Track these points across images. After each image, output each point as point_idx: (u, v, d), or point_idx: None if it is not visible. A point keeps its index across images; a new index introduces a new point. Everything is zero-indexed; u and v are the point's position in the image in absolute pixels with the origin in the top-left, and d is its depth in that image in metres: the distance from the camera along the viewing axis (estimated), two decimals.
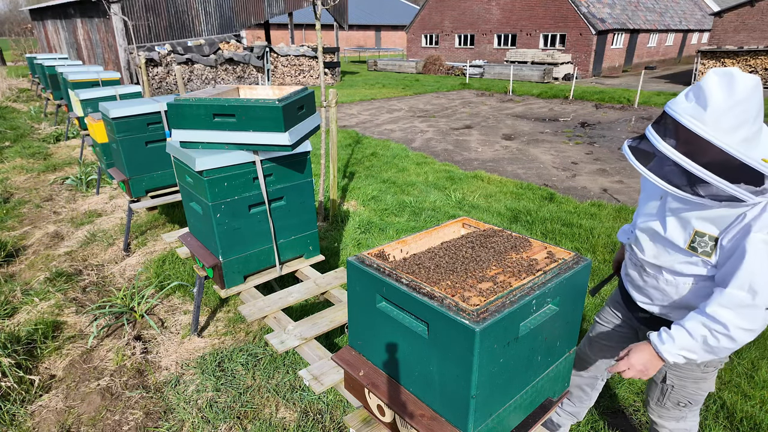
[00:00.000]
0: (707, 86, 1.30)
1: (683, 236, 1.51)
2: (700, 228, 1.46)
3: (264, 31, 24.25)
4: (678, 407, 1.79)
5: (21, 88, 16.60)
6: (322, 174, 4.86)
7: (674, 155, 1.33)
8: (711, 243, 1.45)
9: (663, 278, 1.63)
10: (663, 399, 1.80)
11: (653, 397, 1.85)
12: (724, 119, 1.27)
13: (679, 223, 1.52)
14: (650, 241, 1.64)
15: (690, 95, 1.36)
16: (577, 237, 4.61)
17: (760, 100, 1.30)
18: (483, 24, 25.66)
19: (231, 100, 2.58)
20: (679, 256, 1.54)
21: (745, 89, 1.27)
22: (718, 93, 1.28)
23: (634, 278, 1.77)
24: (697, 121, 1.30)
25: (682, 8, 30.10)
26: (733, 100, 1.27)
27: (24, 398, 2.68)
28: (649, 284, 1.70)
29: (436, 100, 15.03)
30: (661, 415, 1.85)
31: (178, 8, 15.82)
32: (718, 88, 1.29)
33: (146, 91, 8.65)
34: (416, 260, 1.56)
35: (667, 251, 1.58)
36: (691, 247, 1.49)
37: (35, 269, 4.17)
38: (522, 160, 7.88)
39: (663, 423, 1.87)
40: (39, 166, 7.25)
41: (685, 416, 1.82)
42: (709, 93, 1.29)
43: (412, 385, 1.49)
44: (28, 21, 31.91)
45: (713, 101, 1.28)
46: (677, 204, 1.52)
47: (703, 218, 1.45)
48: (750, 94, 1.27)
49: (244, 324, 3.31)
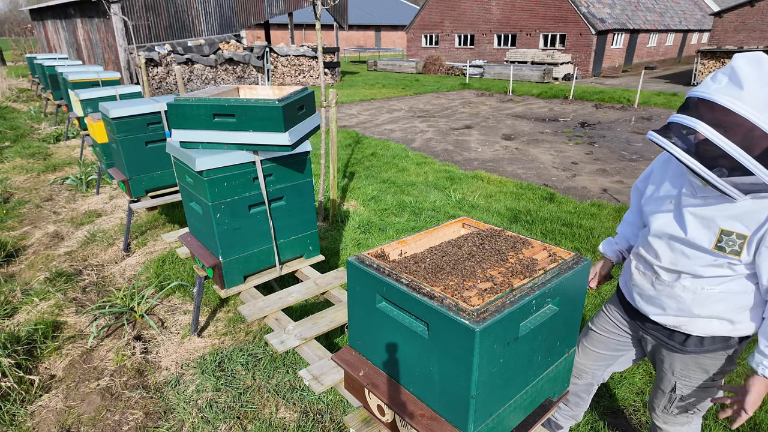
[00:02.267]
0: (739, 66, 1.25)
1: (708, 236, 1.43)
2: (726, 227, 1.39)
3: (264, 31, 24.25)
4: (685, 414, 1.74)
5: (21, 88, 16.60)
6: (322, 174, 4.86)
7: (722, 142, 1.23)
8: (740, 241, 1.38)
9: (680, 285, 1.55)
10: (670, 407, 1.75)
11: (659, 405, 1.80)
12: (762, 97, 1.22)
13: (701, 224, 1.44)
14: (667, 247, 1.56)
15: (719, 77, 1.30)
16: (577, 237, 4.61)
17: None
18: (483, 24, 25.67)
19: (231, 100, 2.58)
20: (704, 258, 1.46)
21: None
22: (752, 72, 1.24)
23: (643, 288, 1.67)
24: (736, 100, 1.23)
25: (682, 8, 30.11)
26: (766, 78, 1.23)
27: (24, 398, 2.68)
28: (663, 293, 1.61)
29: (436, 100, 15.03)
30: (666, 421, 1.81)
31: (178, 8, 15.82)
32: (750, 68, 1.24)
33: (146, 91, 8.65)
34: (416, 260, 1.56)
35: (686, 255, 1.50)
36: (718, 246, 1.41)
37: (35, 269, 4.17)
38: (522, 160, 7.88)
39: (668, 428, 1.83)
40: (39, 166, 7.25)
41: (690, 422, 1.79)
42: (742, 73, 1.24)
43: (412, 385, 1.49)
44: (28, 21, 31.92)
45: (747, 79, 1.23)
46: (696, 203, 1.45)
47: (729, 216, 1.38)
48: None
49: (244, 324, 3.31)
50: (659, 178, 1.65)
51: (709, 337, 1.55)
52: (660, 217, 1.57)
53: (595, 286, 1.96)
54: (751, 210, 1.35)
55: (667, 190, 1.58)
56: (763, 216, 1.33)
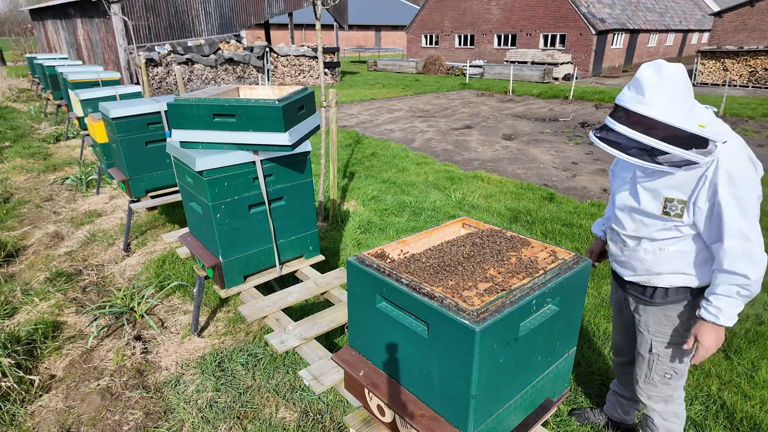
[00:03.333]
0: (641, 76, 1.59)
1: (656, 205, 1.73)
2: (668, 195, 1.69)
3: (264, 31, 24.25)
4: (665, 380, 1.94)
5: (21, 88, 16.60)
6: (322, 174, 4.86)
7: (631, 134, 1.59)
8: (680, 206, 1.69)
9: (642, 248, 1.82)
10: (651, 373, 1.96)
11: (641, 375, 2.00)
12: (658, 99, 1.55)
13: (651, 195, 1.75)
14: (629, 217, 1.85)
15: (630, 86, 1.63)
16: (577, 237, 4.61)
17: (686, 81, 1.57)
18: (483, 24, 25.66)
19: (231, 100, 2.58)
20: (656, 223, 1.76)
21: (670, 73, 1.55)
22: (650, 79, 1.57)
23: (617, 255, 1.96)
24: (639, 104, 1.57)
25: (682, 8, 30.11)
26: (662, 83, 1.55)
27: (24, 398, 2.68)
28: (631, 257, 1.88)
29: (436, 100, 15.03)
30: (650, 395, 2.00)
31: (178, 8, 15.82)
32: (649, 75, 1.57)
33: (146, 91, 8.66)
34: (416, 260, 1.56)
35: (644, 223, 1.79)
36: (664, 212, 1.72)
37: (35, 269, 4.17)
38: (522, 160, 7.88)
39: (652, 405, 2.01)
40: (39, 166, 7.25)
41: (671, 396, 1.97)
42: (644, 81, 1.58)
43: (412, 385, 1.49)
44: (28, 21, 31.91)
45: (647, 86, 1.57)
46: (645, 178, 1.76)
47: (670, 186, 1.68)
48: (675, 77, 1.55)
49: (244, 324, 3.31)
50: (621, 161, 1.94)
51: (673, 288, 1.81)
52: (621, 193, 1.88)
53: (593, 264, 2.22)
54: (686, 179, 1.65)
55: (626, 169, 1.89)
56: (694, 183, 1.64)
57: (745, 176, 1.58)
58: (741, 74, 17.51)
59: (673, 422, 2.01)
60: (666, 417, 2.01)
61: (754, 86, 17.28)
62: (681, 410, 2.02)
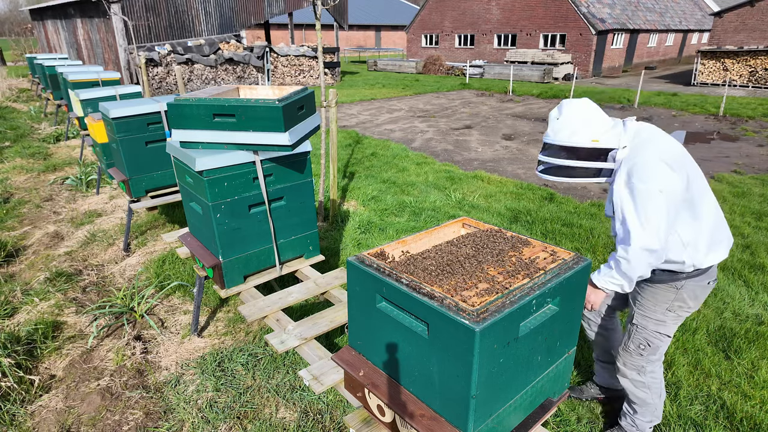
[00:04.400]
0: (550, 114, 2.04)
1: (611, 208, 2.01)
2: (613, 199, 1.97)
3: (264, 31, 24.25)
4: (639, 350, 2.12)
5: (21, 88, 16.60)
6: (322, 174, 4.86)
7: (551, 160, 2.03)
8: None
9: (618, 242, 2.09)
10: (629, 341, 2.16)
11: (622, 343, 2.22)
12: (562, 131, 1.97)
13: (609, 200, 2.04)
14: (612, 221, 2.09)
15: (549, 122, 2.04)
16: (577, 237, 4.61)
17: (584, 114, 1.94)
18: (483, 24, 25.66)
19: (231, 100, 2.58)
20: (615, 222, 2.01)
21: (569, 110, 1.96)
22: (554, 115, 2.01)
23: None
24: (552, 136, 2.00)
25: (682, 8, 30.11)
26: (562, 119, 1.97)
27: (24, 398, 2.68)
28: None
29: (436, 100, 15.03)
30: (625, 362, 2.18)
31: (178, 8, 15.82)
32: (554, 113, 2.02)
33: (146, 91, 8.66)
34: (416, 260, 1.56)
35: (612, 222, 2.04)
36: (614, 212, 1.96)
37: (35, 269, 4.17)
38: (522, 160, 7.88)
39: (625, 371, 2.19)
40: (39, 166, 7.25)
41: (644, 367, 2.14)
42: (551, 118, 2.03)
43: (412, 385, 1.49)
44: (28, 21, 31.93)
45: (552, 122, 2.02)
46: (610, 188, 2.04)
47: (613, 191, 1.96)
48: (573, 112, 1.95)
49: (244, 324, 3.31)
50: None
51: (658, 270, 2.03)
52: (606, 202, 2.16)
53: None
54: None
55: None
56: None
57: (641, 171, 1.82)
58: (741, 74, 17.51)
59: (643, 391, 2.18)
60: (636, 385, 2.19)
61: (754, 86, 17.28)
62: (653, 384, 2.17)
